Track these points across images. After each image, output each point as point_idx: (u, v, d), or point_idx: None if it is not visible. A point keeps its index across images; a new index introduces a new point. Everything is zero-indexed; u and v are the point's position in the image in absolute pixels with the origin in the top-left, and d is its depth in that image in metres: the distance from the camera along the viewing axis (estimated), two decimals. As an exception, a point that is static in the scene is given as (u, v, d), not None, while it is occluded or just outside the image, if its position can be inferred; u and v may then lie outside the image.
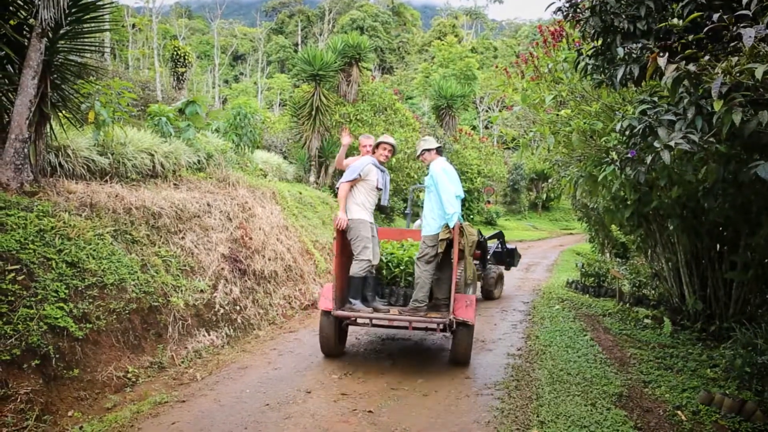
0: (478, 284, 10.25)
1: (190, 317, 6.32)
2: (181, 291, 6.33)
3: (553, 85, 6.78)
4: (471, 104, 40.84)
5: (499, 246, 11.65)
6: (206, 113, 10.50)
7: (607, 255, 13.87)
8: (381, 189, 6.03)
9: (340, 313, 5.60)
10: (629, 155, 4.33)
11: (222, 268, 7.23)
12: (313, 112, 15.51)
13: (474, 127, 41.80)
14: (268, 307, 7.75)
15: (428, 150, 5.95)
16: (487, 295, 10.42)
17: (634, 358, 6.40)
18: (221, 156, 9.22)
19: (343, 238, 5.81)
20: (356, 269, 5.75)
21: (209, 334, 6.46)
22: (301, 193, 12.25)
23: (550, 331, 7.63)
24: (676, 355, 6.48)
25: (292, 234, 9.65)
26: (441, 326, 5.55)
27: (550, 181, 10.05)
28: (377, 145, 6.09)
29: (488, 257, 10.73)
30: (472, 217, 25.10)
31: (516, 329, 7.91)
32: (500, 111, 37.63)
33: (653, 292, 9.55)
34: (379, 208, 16.00)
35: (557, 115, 6.60)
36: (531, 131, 6.85)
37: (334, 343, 6.01)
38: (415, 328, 6.02)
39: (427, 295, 5.78)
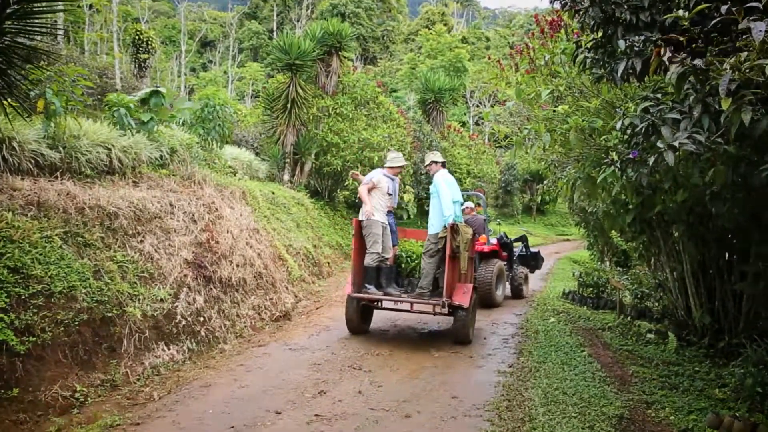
0: (507, 284, 11.68)
1: (148, 329, 6.23)
2: (139, 300, 6.24)
3: (549, 79, 6.84)
4: (460, 98, 41.04)
5: (524, 249, 12.77)
6: (170, 104, 10.40)
7: (607, 263, 13.98)
8: (391, 194, 7.82)
9: (356, 295, 7.45)
10: (630, 156, 4.40)
11: (185, 275, 7.16)
12: (289, 105, 15.56)
13: (463, 124, 41.94)
14: (235, 319, 7.73)
15: (436, 162, 7.82)
16: (517, 294, 11.97)
17: (636, 377, 6.45)
18: (186, 151, 9.14)
19: (360, 234, 7.61)
20: (368, 260, 7.53)
21: (169, 348, 6.39)
22: (273, 193, 12.47)
23: (545, 347, 7.63)
24: (681, 374, 6.54)
25: (263, 238, 9.65)
26: (436, 307, 7.24)
27: (545, 182, 10.08)
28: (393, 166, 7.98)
29: (514, 259, 12.14)
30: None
31: (507, 344, 7.94)
32: (492, 106, 37.85)
33: (657, 304, 9.63)
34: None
35: (554, 111, 6.61)
36: (525, 128, 6.82)
37: (357, 323, 7.88)
38: (419, 311, 8.05)
39: (431, 283, 7.49)
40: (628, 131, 4.38)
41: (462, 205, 7.97)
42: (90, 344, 5.50)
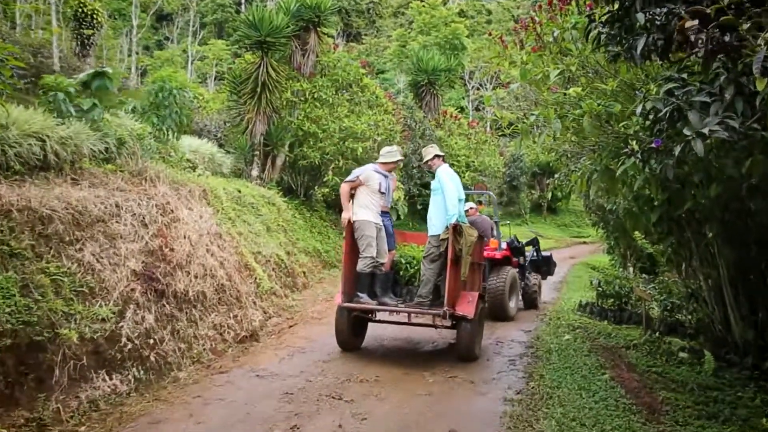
0: (520, 293, 11.97)
1: (86, 355, 6.11)
2: (75, 320, 6.14)
3: (559, 58, 6.86)
4: (458, 80, 41.07)
5: (535, 253, 13.08)
6: (119, 88, 10.29)
7: (630, 270, 14.17)
8: (384, 193, 7.99)
9: (347, 305, 7.64)
10: (653, 145, 4.45)
11: (132, 289, 7.07)
12: (259, 89, 15.53)
13: (462, 109, 41.94)
14: (192, 341, 7.67)
15: (438, 156, 8.08)
16: (531, 304, 12.25)
17: (668, 404, 6.45)
18: (137, 143, 9.05)
19: (352, 237, 7.77)
20: (361, 265, 7.71)
21: (111, 378, 6.27)
22: (240, 192, 12.16)
23: (559, 369, 7.66)
24: (721, 400, 6.53)
25: (227, 244, 9.66)
26: (437, 318, 7.49)
27: (556, 176, 10.14)
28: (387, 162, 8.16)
29: (526, 265, 12.35)
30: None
31: (515, 366, 7.96)
32: (494, 89, 37.80)
33: (690, 317, 9.85)
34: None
35: (564, 94, 6.66)
36: (532, 114, 6.74)
37: (348, 337, 8.09)
38: (418, 324, 8.34)
39: (431, 291, 7.69)
40: (650, 117, 4.43)
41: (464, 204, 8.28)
42: (13, 375, 5.36)
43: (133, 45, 40.71)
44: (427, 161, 8.28)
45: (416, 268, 8.48)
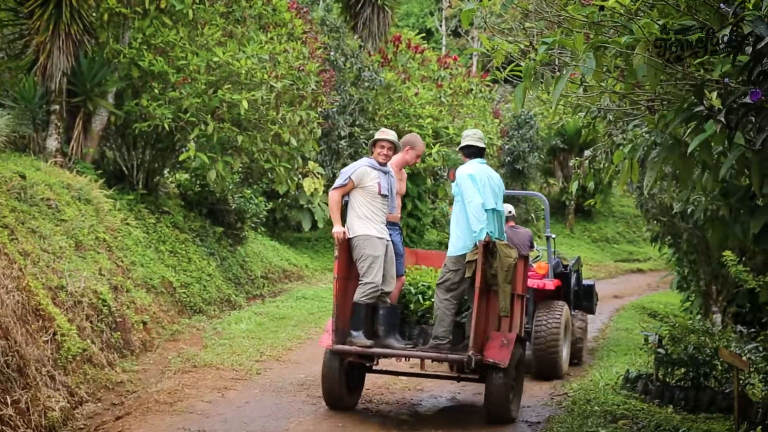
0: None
1: None
2: None
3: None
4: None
5: (575, 280, 11.52)
6: None
7: (717, 318, 12.10)
8: (386, 195, 7.34)
9: (339, 348, 7.04)
10: (748, 99, 3.95)
11: None
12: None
13: (427, 34, 34.73)
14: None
15: (470, 147, 7.50)
16: (575, 355, 10.86)
17: None
18: None
19: (346, 257, 7.25)
20: (359, 294, 7.09)
21: None
22: (24, 178, 9.81)
23: None
24: None
25: (-1, 274, 8.21)
26: (457, 367, 7.59)
27: (587, 153, 8.51)
28: (373, 144, 7.48)
29: (571, 298, 11.19)
30: (415, 233, 19.55)
31: None
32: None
33: None
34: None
35: (601, 9, 5.27)
36: (544, 43, 5.22)
37: (340, 393, 7.37)
38: (433, 375, 8.24)
39: (449, 330, 7.10)
40: (748, 47, 3.99)
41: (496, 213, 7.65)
42: None
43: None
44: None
45: (431, 300, 7.75)
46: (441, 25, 34.13)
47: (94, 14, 12.07)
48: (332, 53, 17.18)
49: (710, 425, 8.07)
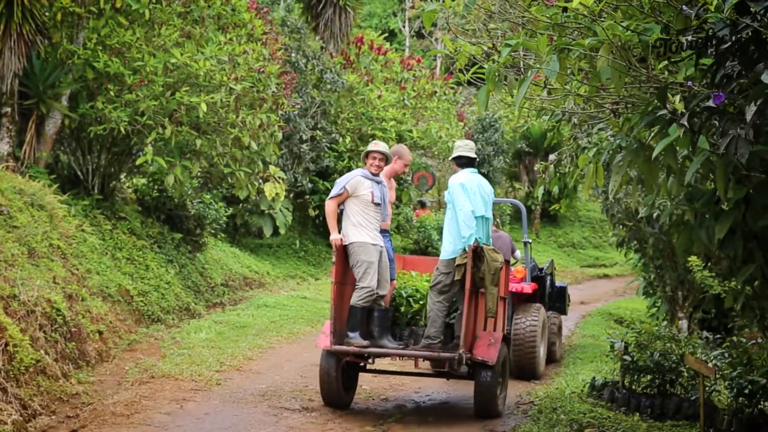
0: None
1: None
2: None
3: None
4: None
5: (548, 283, 11.96)
6: None
7: (683, 324, 12.00)
8: (379, 204, 7.85)
9: (337, 348, 7.47)
10: (711, 103, 3.97)
11: None
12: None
13: (390, 35, 34.58)
14: None
15: (461, 158, 8.02)
16: (550, 356, 11.25)
17: None
18: None
19: (343, 263, 7.74)
20: (356, 298, 7.58)
21: None
22: None
23: None
24: None
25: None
26: (449, 365, 7.58)
27: (551, 158, 8.20)
28: (366, 155, 7.95)
29: (546, 300, 11.70)
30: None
31: None
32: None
33: None
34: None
35: (564, 11, 5.24)
36: (507, 44, 5.25)
37: (337, 391, 7.79)
38: (424, 374, 8.62)
39: (440, 331, 7.54)
40: (710, 49, 4.01)
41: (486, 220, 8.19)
42: None
43: None
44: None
45: (420, 303, 8.30)
46: (404, 26, 34.20)
47: (47, 14, 11.88)
48: (293, 55, 17.00)
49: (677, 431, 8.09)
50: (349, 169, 17.72)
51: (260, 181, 15.36)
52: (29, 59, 11.68)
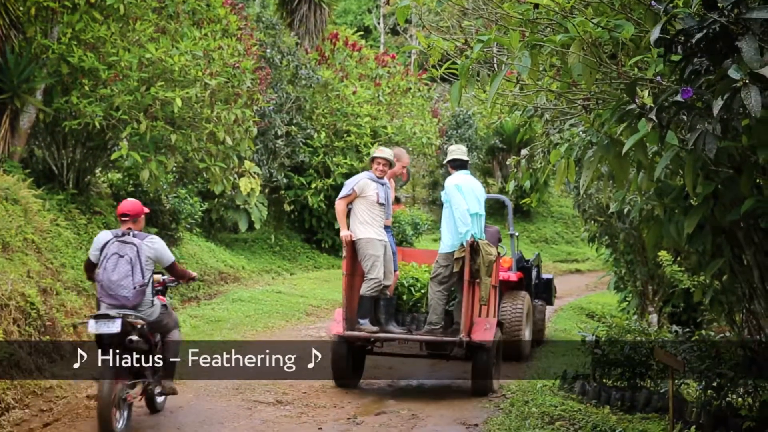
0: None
1: None
2: None
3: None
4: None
5: (535, 274, 12.65)
6: None
7: (653, 318, 11.95)
8: (383, 204, 8.47)
9: (349, 333, 8.12)
10: (679, 98, 3.91)
11: None
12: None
13: (365, 31, 33.98)
14: None
15: (455, 161, 8.72)
16: (538, 337, 11.97)
17: None
18: None
19: (353, 256, 8.41)
20: (365, 289, 8.23)
21: None
22: None
23: None
24: None
25: None
26: (452, 348, 8.27)
27: (524, 153, 8.47)
28: (371, 160, 8.64)
29: (532, 288, 12.28)
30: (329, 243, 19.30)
31: None
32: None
33: (749, 399, 7.98)
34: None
35: (536, 7, 5.28)
36: (481, 40, 5.21)
37: (347, 371, 8.51)
38: (430, 355, 8.94)
39: (441, 318, 8.16)
40: (679, 46, 3.97)
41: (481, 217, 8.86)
42: None
43: None
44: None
45: (421, 292, 8.91)
46: (379, 23, 34.09)
47: (21, 8, 11.66)
48: (268, 50, 16.87)
49: (646, 425, 8.13)
50: (324, 164, 17.94)
51: (235, 176, 15.15)
52: (3, 54, 11.61)
